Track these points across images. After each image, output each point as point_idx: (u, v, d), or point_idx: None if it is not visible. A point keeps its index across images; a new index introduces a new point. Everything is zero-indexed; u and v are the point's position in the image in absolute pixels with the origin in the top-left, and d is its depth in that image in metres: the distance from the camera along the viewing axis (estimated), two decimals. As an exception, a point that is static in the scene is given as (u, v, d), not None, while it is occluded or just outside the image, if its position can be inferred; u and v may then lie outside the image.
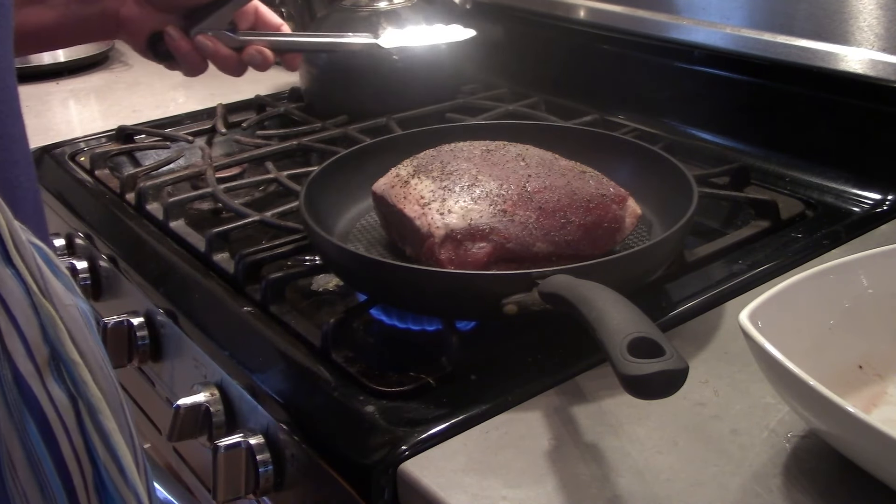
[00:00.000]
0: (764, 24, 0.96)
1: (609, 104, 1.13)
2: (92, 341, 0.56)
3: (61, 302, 0.54)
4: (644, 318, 0.52)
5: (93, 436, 0.54)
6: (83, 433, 0.54)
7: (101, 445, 0.55)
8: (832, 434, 0.52)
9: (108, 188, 1.04)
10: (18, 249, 0.51)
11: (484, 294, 0.63)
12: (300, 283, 0.81)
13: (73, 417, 0.54)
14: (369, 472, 0.58)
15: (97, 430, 0.54)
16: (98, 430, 0.54)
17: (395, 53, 1.13)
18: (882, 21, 0.86)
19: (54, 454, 0.53)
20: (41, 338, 0.52)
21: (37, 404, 0.52)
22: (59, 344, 0.53)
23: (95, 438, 0.54)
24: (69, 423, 0.53)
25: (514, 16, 1.28)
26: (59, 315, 0.53)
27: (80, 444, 0.54)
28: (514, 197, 0.71)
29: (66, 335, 0.53)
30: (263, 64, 0.88)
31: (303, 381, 0.67)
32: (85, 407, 0.54)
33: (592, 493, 0.53)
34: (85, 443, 0.54)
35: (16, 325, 0.51)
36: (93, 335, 0.57)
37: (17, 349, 0.51)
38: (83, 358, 0.54)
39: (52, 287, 0.54)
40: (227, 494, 0.68)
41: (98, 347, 0.57)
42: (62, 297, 0.54)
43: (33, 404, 0.52)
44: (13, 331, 0.51)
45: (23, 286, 0.51)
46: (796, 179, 0.93)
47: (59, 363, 0.53)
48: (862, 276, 0.62)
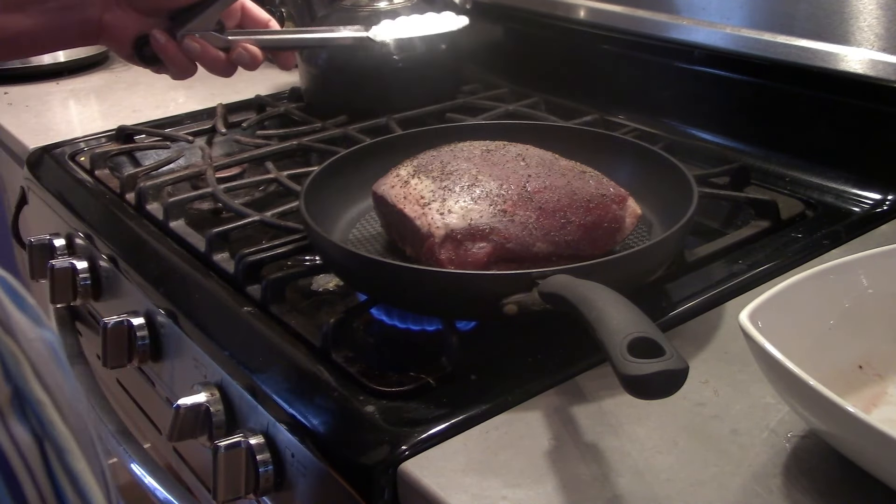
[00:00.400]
0: (764, 24, 0.96)
1: (609, 104, 1.13)
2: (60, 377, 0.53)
3: (25, 336, 0.51)
4: (644, 318, 0.52)
5: (61, 478, 0.52)
6: (50, 475, 0.51)
7: (70, 488, 0.52)
8: (832, 434, 0.52)
9: (108, 188, 1.04)
10: None
11: (484, 294, 0.63)
12: (300, 283, 0.81)
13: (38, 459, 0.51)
14: (369, 472, 0.58)
15: (65, 471, 0.52)
16: (66, 471, 0.52)
17: (395, 52, 1.13)
18: (882, 21, 0.86)
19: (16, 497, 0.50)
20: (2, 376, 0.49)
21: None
22: (22, 382, 0.50)
23: (64, 481, 0.52)
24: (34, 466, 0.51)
25: (514, 16, 1.28)
26: (22, 351, 0.50)
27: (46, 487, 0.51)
28: (514, 197, 0.71)
29: (31, 372, 0.51)
30: (252, 63, 0.86)
31: (303, 381, 0.67)
32: (52, 448, 0.51)
33: (592, 493, 0.53)
34: (53, 485, 0.52)
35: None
36: (62, 369, 0.54)
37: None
38: (50, 395, 0.51)
39: (15, 321, 0.51)
40: (227, 494, 0.68)
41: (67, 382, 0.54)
42: (26, 331, 0.51)
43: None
44: None
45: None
46: (796, 179, 0.93)
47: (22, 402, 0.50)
48: (862, 276, 0.62)
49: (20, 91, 1.42)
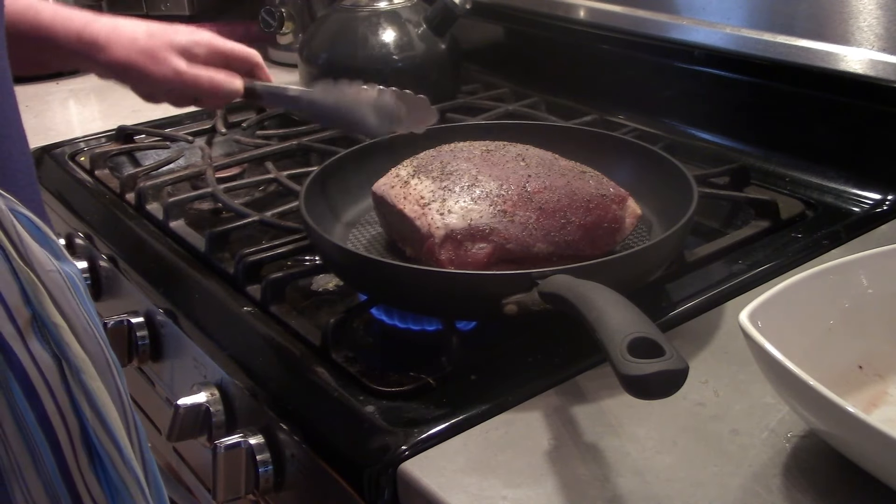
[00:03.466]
0: (764, 24, 0.96)
1: (609, 104, 1.13)
2: (77, 304, 0.57)
3: (43, 268, 0.55)
4: (644, 318, 0.52)
5: (78, 394, 0.56)
6: (68, 392, 0.55)
7: (86, 404, 0.56)
8: (832, 434, 0.52)
9: (108, 188, 1.04)
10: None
11: (484, 294, 0.63)
12: (300, 283, 0.81)
13: (56, 377, 0.55)
14: (369, 472, 0.58)
15: (81, 389, 0.56)
16: (82, 389, 0.56)
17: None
18: (882, 21, 0.86)
19: (37, 410, 0.54)
20: (22, 301, 0.54)
21: (19, 363, 0.53)
22: (40, 307, 0.54)
23: (80, 396, 0.56)
24: (52, 382, 0.55)
25: (514, 16, 1.28)
26: (40, 280, 0.54)
27: (64, 401, 0.55)
28: (514, 197, 0.71)
29: (48, 299, 0.55)
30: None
31: (303, 381, 0.67)
32: (69, 367, 0.55)
33: (592, 493, 0.53)
34: (71, 401, 0.55)
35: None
36: (78, 298, 0.58)
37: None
38: (66, 321, 0.55)
39: (34, 253, 0.55)
40: (227, 494, 0.68)
41: (84, 310, 0.58)
42: (44, 262, 0.55)
43: (15, 363, 0.53)
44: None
45: (1, 252, 0.53)
46: (796, 179, 0.93)
47: (41, 326, 0.54)
48: (862, 276, 0.62)
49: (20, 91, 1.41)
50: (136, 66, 0.81)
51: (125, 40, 0.80)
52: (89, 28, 0.80)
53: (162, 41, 0.81)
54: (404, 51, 1.16)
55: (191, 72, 0.81)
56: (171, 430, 0.74)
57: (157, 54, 0.81)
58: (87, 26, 0.80)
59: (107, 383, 0.58)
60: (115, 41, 0.80)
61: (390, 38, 1.16)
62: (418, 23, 1.17)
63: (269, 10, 1.47)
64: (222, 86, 0.82)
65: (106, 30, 0.80)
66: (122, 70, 0.81)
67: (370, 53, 1.15)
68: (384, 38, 1.16)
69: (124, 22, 0.82)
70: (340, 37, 1.18)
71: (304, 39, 1.24)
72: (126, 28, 0.81)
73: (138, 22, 0.83)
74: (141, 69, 0.81)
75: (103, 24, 0.81)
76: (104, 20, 0.81)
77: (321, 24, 1.22)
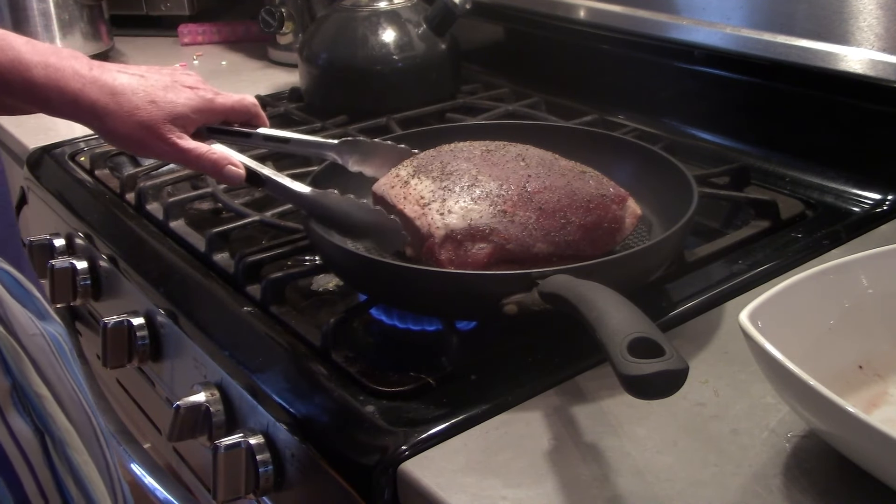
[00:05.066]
0: (764, 24, 0.96)
1: (609, 104, 1.13)
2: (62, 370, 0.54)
3: (25, 332, 0.52)
4: (644, 318, 0.52)
5: (61, 470, 0.52)
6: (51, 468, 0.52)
7: (71, 480, 0.53)
8: (832, 434, 0.52)
9: (108, 188, 1.04)
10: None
11: (484, 294, 0.63)
12: (300, 283, 0.81)
13: (38, 452, 0.52)
14: (369, 472, 0.58)
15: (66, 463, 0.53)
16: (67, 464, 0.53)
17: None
18: (882, 21, 0.86)
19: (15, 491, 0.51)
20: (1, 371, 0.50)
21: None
22: (21, 377, 0.51)
23: (64, 473, 0.53)
24: (33, 459, 0.52)
25: (514, 16, 1.28)
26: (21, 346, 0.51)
27: (46, 479, 0.52)
28: (514, 197, 0.71)
29: (30, 367, 0.52)
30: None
31: (303, 381, 0.67)
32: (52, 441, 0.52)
33: (592, 493, 0.53)
34: (54, 478, 0.52)
35: None
36: (64, 363, 0.54)
37: None
38: (51, 389, 0.52)
39: (15, 316, 0.51)
40: (227, 494, 0.68)
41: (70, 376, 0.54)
42: (26, 326, 0.52)
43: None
44: None
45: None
46: (796, 179, 0.93)
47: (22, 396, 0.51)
48: (862, 276, 0.62)
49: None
50: (136, 141, 0.75)
51: (124, 112, 0.73)
52: (85, 93, 0.72)
53: (163, 113, 0.74)
54: (404, 51, 1.16)
55: (193, 152, 0.75)
56: (171, 430, 0.74)
57: (157, 129, 0.74)
58: (83, 90, 0.72)
59: (93, 454, 0.55)
60: (113, 111, 0.73)
61: (390, 38, 1.16)
62: (418, 23, 1.17)
63: (269, 10, 1.47)
64: (223, 172, 0.76)
65: (104, 98, 0.73)
66: (120, 140, 0.75)
67: (370, 53, 1.15)
68: (384, 38, 1.16)
69: (123, 83, 0.74)
70: (340, 37, 1.18)
71: (304, 39, 1.24)
72: (125, 94, 0.73)
73: (137, 79, 0.75)
74: (140, 144, 0.75)
75: (101, 88, 0.73)
76: (102, 80, 0.73)
77: (321, 24, 1.22)
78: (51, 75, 0.71)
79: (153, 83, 0.75)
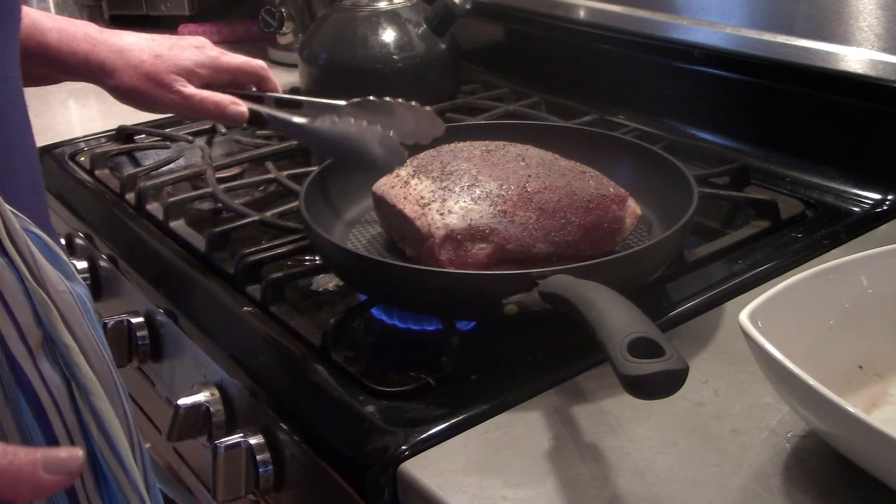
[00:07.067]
0: (764, 24, 0.96)
1: (609, 104, 1.13)
2: (87, 326, 0.58)
3: (55, 288, 0.56)
4: (644, 318, 0.52)
5: (86, 415, 0.56)
6: (77, 413, 0.56)
7: (94, 425, 0.56)
8: (832, 434, 0.52)
9: (108, 188, 1.04)
10: (12, 237, 0.53)
11: (484, 294, 0.63)
12: (300, 283, 0.81)
13: (66, 397, 0.55)
14: (369, 472, 0.58)
15: (90, 410, 0.56)
16: (91, 410, 0.56)
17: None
18: (882, 21, 0.86)
19: (45, 431, 0.54)
20: (34, 322, 0.54)
21: (28, 384, 0.54)
22: (51, 328, 0.55)
23: (88, 418, 0.56)
24: (62, 403, 0.55)
25: (514, 16, 1.28)
26: (52, 301, 0.55)
27: (73, 422, 0.56)
28: (514, 197, 0.71)
29: (60, 320, 0.55)
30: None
31: (303, 381, 0.67)
32: (78, 388, 0.56)
33: (592, 493, 0.53)
34: (79, 422, 0.56)
35: (8, 310, 0.53)
36: (89, 320, 0.58)
37: (9, 333, 0.53)
38: (77, 342, 0.56)
39: (46, 274, 0.55)
40: (227, 494, 0.68)
41: (94, 332, 0.58)
42: (56, 283, 0.56)
43: (25, 384, 0.54)
44: (6, 315, 0.53)
45: (16, 273, 0.53)
46: (796, 179, 0.93)
47: (52, 346, 0.55)
48: (862, 276, 0.62)
49: (20, 91, 1.42)
50: (141, 92, 0.81)
51: (131, 66, 0.80)
52: (95, 52, 0.80)
53: (167, 65, 0.81)
54: (404, 51, 1.16)
55: (196, 97, 0.81)
56: (171, 430, 0.74)
57: (162, 79, 0.80)
58: (93, 50, 0.79)
59: (114, 404, 0.58)
60: (121, 67, 0.80)
61: (390, 38, 1.16)
62: (418, 23, 1.17)
63: (269, 10, 1.47)
64: (227, 112, 0.82)
65: (112, 55, 0.80)
66: (127, 94, 0.82)
67: (370, 53, 1.15)
68: (384, 38, 1.16)
69: (130, 42, 0.81)
70: (340, 37, 1.18)
71: (304, 39, 1.24)
72: (132, 51, 0.81)
73: (145, 40, 0.82)
74: (146, 95, 0.81)
75: (110, 48, 0.80)
76: (111, 41, 0.81)
77: (321, 24, 1.22)
78: (64, 38, 0.79)
79: (160, 42, 0.83)
